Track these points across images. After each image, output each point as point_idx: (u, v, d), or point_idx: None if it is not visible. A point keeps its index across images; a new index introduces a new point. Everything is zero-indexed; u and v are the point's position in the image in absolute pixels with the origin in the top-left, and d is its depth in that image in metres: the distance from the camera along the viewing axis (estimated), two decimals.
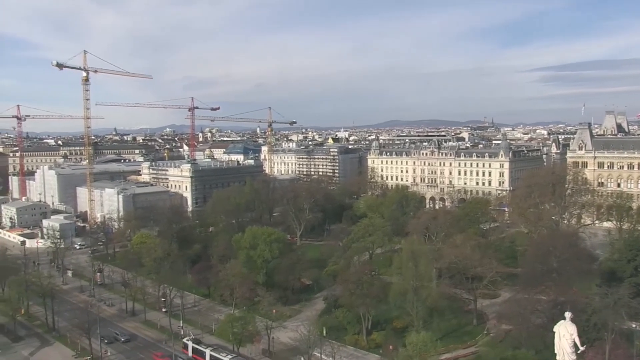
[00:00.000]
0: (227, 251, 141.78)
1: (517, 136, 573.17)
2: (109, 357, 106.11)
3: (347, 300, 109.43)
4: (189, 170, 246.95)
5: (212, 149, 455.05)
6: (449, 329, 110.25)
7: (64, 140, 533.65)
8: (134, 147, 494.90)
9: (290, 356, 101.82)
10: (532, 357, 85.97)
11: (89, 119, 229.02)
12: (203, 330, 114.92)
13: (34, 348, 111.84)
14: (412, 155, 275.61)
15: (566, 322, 49.17)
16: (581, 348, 49.49)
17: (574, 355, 48.85)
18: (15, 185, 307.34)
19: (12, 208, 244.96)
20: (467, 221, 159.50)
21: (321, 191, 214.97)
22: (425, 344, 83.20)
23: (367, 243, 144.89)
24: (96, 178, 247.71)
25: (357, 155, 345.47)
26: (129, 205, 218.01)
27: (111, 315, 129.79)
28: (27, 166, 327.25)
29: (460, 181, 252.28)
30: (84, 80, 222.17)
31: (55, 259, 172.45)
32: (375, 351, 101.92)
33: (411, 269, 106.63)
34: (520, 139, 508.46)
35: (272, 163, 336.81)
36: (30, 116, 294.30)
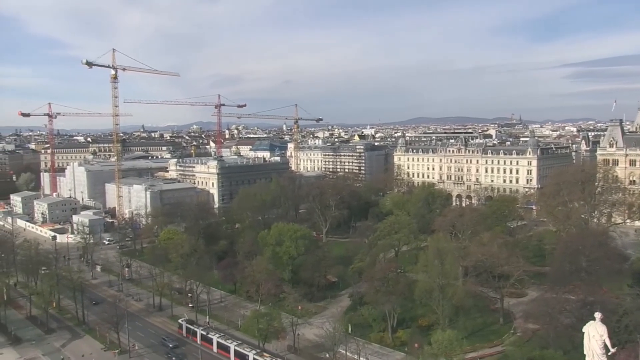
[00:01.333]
0: (253, 247, 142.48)
1: (546, 133, 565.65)
2: (136, 351, 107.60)
3: (373, 298, 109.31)
4: (216, 167, 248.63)
5: (238, 146, 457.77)
6: (475, 328, 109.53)
7: (93, 137, 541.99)
8: (161, 144, 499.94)
9: (316, 353, 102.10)
10: (560, 358, 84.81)
11: (117, 116, 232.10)
12: (229, 325, 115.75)
13: (65, 340, 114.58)
14: (439, 152, 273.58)
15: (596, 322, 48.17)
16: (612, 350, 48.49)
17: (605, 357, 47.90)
18: (47, 182, 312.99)
19: (44, 204, 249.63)
20: (494, 219, 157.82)
21: (347, 188, 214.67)
22: (451, 343, 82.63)
23: (392, 240, 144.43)
24: (124, 174, 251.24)
25: (383, 152, 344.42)
26: (157, 202, 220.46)
27: (139, 310, 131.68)
28: (57, 163, 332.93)
29: (487, 179, 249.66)
30: (112, 78, 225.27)
31: (84, 254, 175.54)
32: (401, 349, 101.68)
33: (437, 267, 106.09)
34: (548, 136, 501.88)
35: (298, 160, 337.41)
36: (61, 114, 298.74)
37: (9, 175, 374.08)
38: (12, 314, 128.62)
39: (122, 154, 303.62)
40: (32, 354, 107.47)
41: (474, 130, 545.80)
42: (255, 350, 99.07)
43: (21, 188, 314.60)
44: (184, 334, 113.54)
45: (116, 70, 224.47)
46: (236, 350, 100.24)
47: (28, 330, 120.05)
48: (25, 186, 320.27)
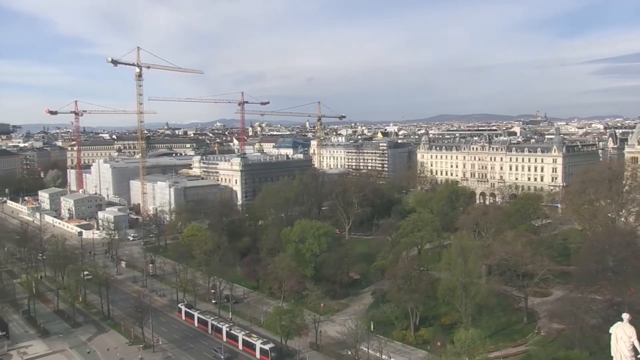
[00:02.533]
0: (276, 244, 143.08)
1: (571, 130, 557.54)
2: (160, 346, 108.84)
3: (395, 295, 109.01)
4: (239, 164, 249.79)
5: (261, 143, 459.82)
6: (498, 327, 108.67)
7: (118, 134, 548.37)
8: (185, 141, 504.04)
9: (338, 350, 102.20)
10: (586, 358, 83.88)
11: (142, 113, 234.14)
12: (252, 322, 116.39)
13: (91, 334, 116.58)
14: (462, 149, 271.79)
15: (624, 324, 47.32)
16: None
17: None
18: (73, 178, 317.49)
19: (70, 200, 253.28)
20: (518, 217, 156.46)
21: (370, 186, 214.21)
22: (474, 342, 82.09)
23: (415, 238, 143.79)
24: (149, 171, 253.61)
25: (406, 149, 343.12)
26: (180, 198, 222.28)
27: (163, 306, 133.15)
28: (83, 160, 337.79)
29: (512, 176, 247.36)
30: (137, 76, 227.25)
31: (109, 249, 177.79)
32: (423, 347, 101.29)
33: (460, 265, 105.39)
34: (574, 134, 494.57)
35: (321, 157, 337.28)
36: (87, 111, 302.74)
37: (37, 172, 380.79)
38: (40, 307, 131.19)
39: (146, 151, 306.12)
40: (60, 347, 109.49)
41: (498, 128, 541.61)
42: (244, 331, 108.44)
43: (49, 184, 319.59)
44: (183, 318, 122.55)
45: (141, 68, 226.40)
46: (227, 332, 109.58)
47: (56, 324, 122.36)
48: (53, 183, 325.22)
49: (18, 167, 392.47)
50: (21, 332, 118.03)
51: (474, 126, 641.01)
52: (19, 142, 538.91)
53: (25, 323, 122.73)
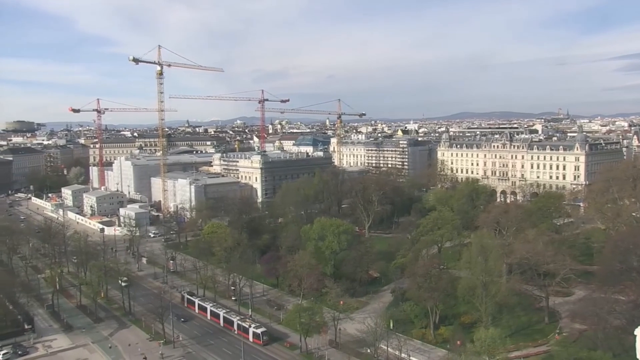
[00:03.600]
0: (295, 242, 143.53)
1: (595, 128, 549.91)
2: (180, 342, 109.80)
3: (415, 294, 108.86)
4: (259, 162, 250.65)
5: (281, 141, 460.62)
6: (519, 326, 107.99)
7: (139, 132, 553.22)
8: (205, 138, 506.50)
9: (357, 348, 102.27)
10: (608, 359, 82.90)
11: (162, 111, 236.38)
12: (271, 319, 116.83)
13: (112, 329, 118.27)
14: (483, 147, 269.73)
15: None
16: None
17: None
18: (95, 175, 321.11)
19: (93, 197, 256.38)
20: (540, 216, 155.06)
21: (390, 183, 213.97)
22: (494, 341, 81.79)
23: (435, 236, 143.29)
24: (169, 169, 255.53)
25: (426, 147, 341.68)
26: (201, 196, 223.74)
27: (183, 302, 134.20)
28: (105, 157, 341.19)
29: (533, 174, 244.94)
30: (158, 74, 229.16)
31: (131, 246, 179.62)
32: (443, 346, 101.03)
33: (480, 264, 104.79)
34: (597, 132, 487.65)
35: (341, 155, 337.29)
36: (109, 109, 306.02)
37: (60, 169, 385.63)
38: (64, 302, 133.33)
39: (167, 149, 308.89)
40: (83, 341, 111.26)
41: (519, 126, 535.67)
42: (239, 316, 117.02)
43: (71, 181, 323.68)
44: (185, 305, 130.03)
45: (161, 66, 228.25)
46: (224, 317, 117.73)
47: (79, 319, 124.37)
48: (75, 180, 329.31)
49: (42, 164, 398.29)
50: (46, 326, 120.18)
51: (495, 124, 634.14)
52: (43, 139, 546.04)
53: (49, 317, 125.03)
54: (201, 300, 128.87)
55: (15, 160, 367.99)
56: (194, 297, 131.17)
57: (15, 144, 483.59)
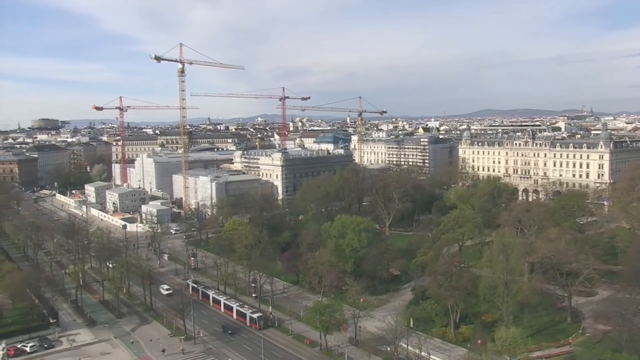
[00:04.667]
0: (316, 239, 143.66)
1: (619, 126, 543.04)
2: (201, 338, 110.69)
3: (436, 292, 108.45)
4: (280, 159, 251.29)
5: (302, 138, 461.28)
6: (540, 326, 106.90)
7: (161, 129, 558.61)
8: (226, 136, 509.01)
9: (377, 346, 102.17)
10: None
11: (184, 109, 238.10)
12: (291, 316, 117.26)
13: (134, 325, 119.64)
14: (505, 145, 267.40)
15: None
16: None
17: None
18: (118, 172, 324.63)
19: (115, 194, 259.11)
20: (563, 214, 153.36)
21: (411, 181, 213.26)
22: (515, 340, 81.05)
23: (456, 234, 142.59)
24: (191, 166, 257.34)
25: (447, 145, 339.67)
26: (222, 193, 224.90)
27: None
28: (128, 154, 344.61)
29: (556, 173, 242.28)
30: (179, 72, 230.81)
31: (152, 242, 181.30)
32: (463, 345, 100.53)
33: (502, 262, 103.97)
34: (622, 129, 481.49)
35: (362, 152, 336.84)
36: (131, 107, 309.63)
37: (83, 166, 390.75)
38: (87, 297, 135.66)
39: (188, 146, 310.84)
40: (106, 336, 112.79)
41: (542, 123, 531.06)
42: (238, 303, 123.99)
43: (94, 178, 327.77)
44: (190, 293, 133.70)
45: (183, 64, 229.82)
46: (225, 304, 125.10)
47: (101, 314, 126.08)
48: (98, 177, 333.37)
49: (66, 161, 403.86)
50: (70, 320, 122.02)
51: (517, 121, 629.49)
52: (67, 137, 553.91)
53: (73, 312, 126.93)
54: (204, 289, 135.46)
55: (40, 158, 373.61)
56: (198, 286, 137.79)
57: (40, 142, 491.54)
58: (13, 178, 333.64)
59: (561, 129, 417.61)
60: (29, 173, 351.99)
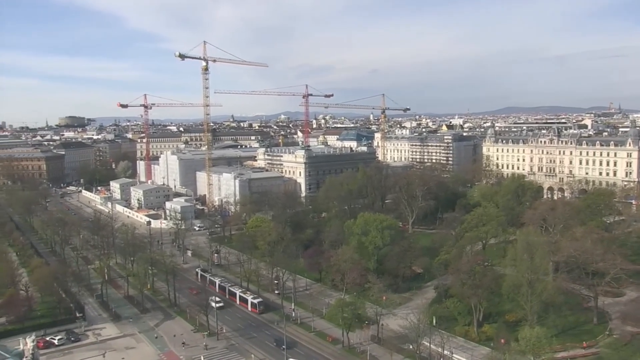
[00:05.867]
0: (339, 237, 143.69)
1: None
2: (224, 334, 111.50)
3: (459, 291, 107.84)
4: (303, 157, 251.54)
5: (325, 136, 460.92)
6: (565, 326, 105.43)
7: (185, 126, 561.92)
8: (250, 133, 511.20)
9: (399, 344, 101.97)
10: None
11: (208, 106, 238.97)
12: (314, 313, 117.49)
13: (158, 320, 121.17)
14: (530, 143, 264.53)
15: None
16: None
17: None
18: (142, 169, 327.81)
19: (140, 190, 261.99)
20: (589, 213, 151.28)
21: (434, 179, 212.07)
22: (540, 340, 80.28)
23: (480, 233, 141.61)
24: (214, 163, 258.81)
25: (471, 142, 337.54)
26: (245, 190, 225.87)
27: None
28: (152, 151, 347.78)
29: (582, 171, 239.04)
30: (203, 69, 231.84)
31: (176, 239, 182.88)
32: (486, 344, 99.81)
33: (526, 261, 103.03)
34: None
35: (385, 150, 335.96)
36: (156, 104, 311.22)
37: (109, 163, 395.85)
38: (112, 292, 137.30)
39: (212, 143, 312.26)
40: (130, 331, 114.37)
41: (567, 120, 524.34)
42: (241, 289, 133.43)
43: (119, 175, 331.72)
44: (199, 280, 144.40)
45: (207, 62, 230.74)
46: (229, 290, 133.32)
47: (126, 309, 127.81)
48: (123, 173, 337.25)
49: (92, 158, 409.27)
50: (95, 314, 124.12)
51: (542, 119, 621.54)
52: (92, 134, 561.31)
53: (98, 306, 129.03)
54: (212, 276, 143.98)
55: (67, 155, 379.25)
56: (207, 274, 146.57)
57: (67, 139, 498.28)
58: (41, 175, 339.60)
59: (588, 126, 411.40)
60: (56, 170, 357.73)
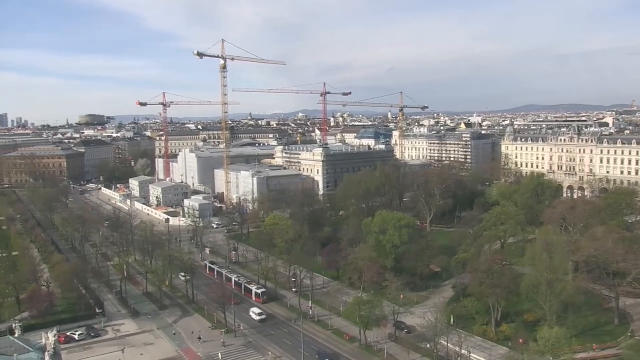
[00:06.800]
0: (356, 235, 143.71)
1: None
2: (241, 331, 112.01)
3: (477, 290, 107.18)
4: (321, 155, 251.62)
5: (343, 134, 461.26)
6: (585, 327, 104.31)
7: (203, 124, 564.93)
8: (267, 131, 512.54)
9: (416, 342, 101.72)
10: None
11: (226, 104, 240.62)
12: (331, 311, 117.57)
13: (176, 317, 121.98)
14: (549, 141, 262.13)
15: None
16: None
17: None
18: (161, 167, 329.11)
19: (158, 188, 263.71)
20: (610, 212, 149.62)
21: (452, 177, 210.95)
22: (559, 340, 79.61)
23: (499, 231, 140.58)
24: (232, 161, 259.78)
25: (490, 140, 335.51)
26: (263, 188, 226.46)
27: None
28: (170, 149, 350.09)
29: (602, 169, 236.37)
30: (221, 67, 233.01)
31: (194, 236, 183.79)
32: (504, 343, 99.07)
33: (545, 261, 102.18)
34: None
35: (403, 148, 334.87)
36: (174, 102, 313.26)
37: (128, 161, 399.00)
38: (131, 289, 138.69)
39: (230, 141, 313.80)
40: (149, 327, 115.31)
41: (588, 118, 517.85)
42: (246, 280, 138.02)
43: (138, 173, 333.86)
44: (207, 272, 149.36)
45: (225, 60, 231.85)
46: (235, 281, 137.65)
47: (145, 305, 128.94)
48: (142, 171, 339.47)
49: (111, 156, 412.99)
50: (114, 310, 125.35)
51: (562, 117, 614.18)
52: (112, 132, 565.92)
53: (118, 303, 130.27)
54: (219, 268, 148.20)
55: (86, 152, 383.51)
56: (214, 265, 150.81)
57: (87, 137, 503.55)
58: (62, 172, 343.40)
59: (609, 124, 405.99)
60: (76, 167, 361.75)
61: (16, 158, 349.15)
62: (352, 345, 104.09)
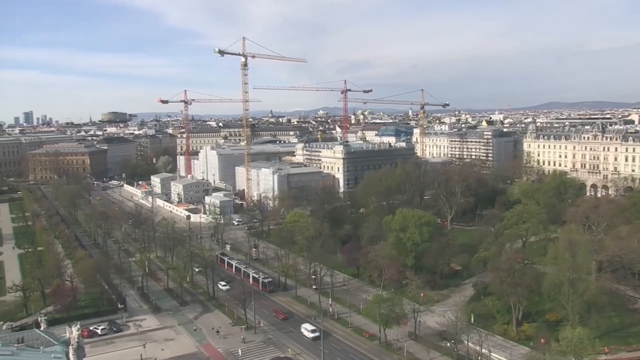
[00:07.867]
0: (377, 232, 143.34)
1: None
2: (262, 328, 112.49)
3: (498, 289, 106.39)
4: (342, 152, 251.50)
5: (364, 131, 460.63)
6: (609, 328, 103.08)
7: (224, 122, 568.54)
8: (288, 128, 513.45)
9: (436, 341, 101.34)
10: None
11: (247, 102, 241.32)
12: (351, 309, 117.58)
13: (197, 313, 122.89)
14: (573, 139, 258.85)
15: None
16: None
17: None
18: (182, 164, 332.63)
19: (180, 185, 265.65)
20: (635, 211, 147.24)
21: (474, 175, 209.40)
22: (582, 341, 78.65)
23: (520, 230, 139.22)
24: (253, 158, 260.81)
25: (512, 138, 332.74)
26: (284, 185, 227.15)
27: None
28: (192, 146, 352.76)
29: (627, 168, 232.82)
30: (242, 65, 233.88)
31: (215, 233, 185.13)
32: (525, 343, 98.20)
33: (568, 260, 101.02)
34: None
35: (424, 146, 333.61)
36: (195, 100, 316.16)
37: (149, 158, 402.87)
38: (152, 285, 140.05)
39: (251, 139, 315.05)
40: (170, 323, 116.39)
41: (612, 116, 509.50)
42: (254, 270, 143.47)
43: (160, 170, 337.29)
44: (218, 263, 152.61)
45: (246, 58, 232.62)
46: (244, 272, 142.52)
47: (166, 301, 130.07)
48: (164, 168, 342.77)
49: (133, 153, 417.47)
50: (136, 306, 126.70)
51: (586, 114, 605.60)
52: (134, 129, 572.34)
53: (139, 298, 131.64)
54: (229, 259, 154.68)
55: (109, 149, 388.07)
56: (225, 257, 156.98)
57: (110, 134, 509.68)
58: (85, 169, 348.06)
59: (634, 121, 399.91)
60: (99, 164, 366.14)
61: (41, 155, 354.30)
62: (372, 343, 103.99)
